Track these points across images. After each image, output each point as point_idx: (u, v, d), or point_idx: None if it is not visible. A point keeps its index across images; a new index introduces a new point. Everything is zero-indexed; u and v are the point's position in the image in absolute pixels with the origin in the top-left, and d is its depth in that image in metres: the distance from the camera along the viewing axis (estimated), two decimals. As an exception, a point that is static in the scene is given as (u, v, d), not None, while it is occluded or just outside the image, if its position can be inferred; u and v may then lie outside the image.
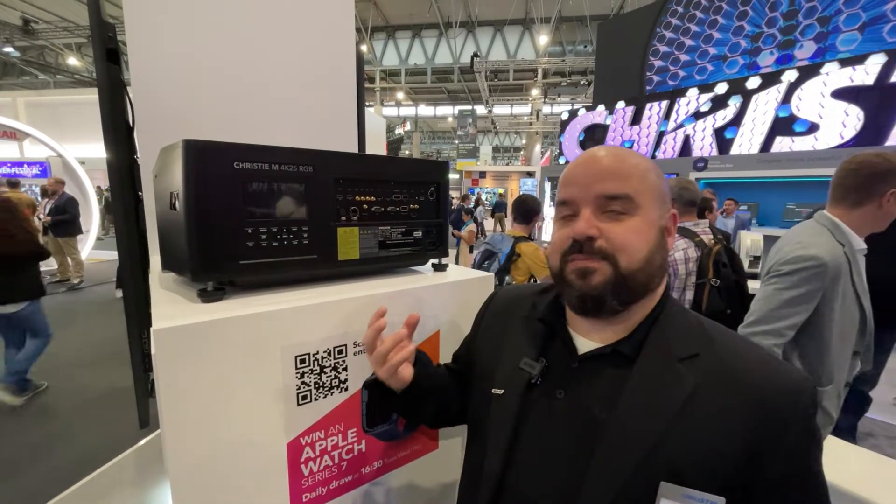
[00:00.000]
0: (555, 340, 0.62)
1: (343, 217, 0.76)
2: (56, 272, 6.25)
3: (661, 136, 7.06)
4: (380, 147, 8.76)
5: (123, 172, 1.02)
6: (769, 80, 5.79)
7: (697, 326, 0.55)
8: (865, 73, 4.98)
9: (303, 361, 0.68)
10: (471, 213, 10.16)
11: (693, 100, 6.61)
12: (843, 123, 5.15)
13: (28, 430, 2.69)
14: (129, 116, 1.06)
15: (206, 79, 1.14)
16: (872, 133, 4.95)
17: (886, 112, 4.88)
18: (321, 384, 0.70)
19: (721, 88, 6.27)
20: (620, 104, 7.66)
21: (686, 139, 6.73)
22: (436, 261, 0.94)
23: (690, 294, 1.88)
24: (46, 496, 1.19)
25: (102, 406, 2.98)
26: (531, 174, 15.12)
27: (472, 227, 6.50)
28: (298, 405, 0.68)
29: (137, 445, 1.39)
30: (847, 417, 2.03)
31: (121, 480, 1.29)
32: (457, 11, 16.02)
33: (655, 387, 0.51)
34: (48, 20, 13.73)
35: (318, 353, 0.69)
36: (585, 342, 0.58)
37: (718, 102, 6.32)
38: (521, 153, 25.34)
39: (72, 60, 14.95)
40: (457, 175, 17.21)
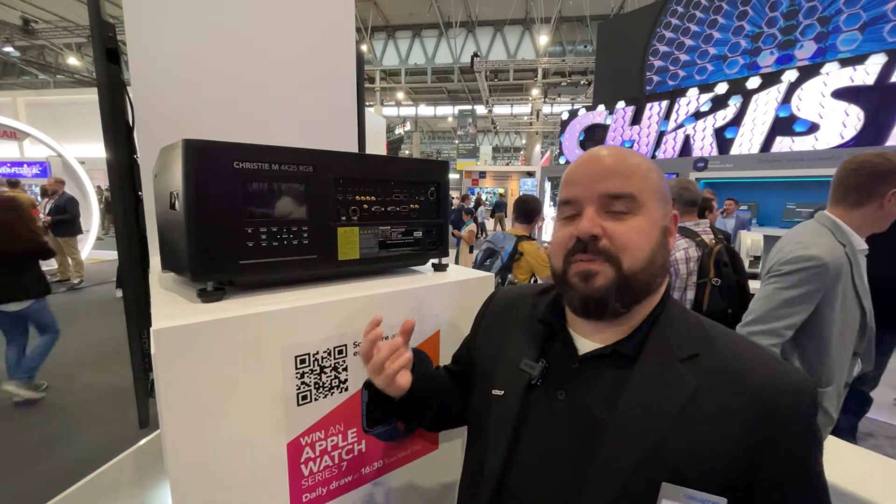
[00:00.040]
0: (555, 341, 0.61)
1: (343, 217, 0.76)
2: (56, 272, 6.25)
3: (662, 136, 7.06)
4: (380, 147, 8.76)
5: (123, 172, 1.02)
6: (769, 80, 5.79)
7: (698, 326, 0.55)
8: (866, 73, 4.98)
9: (303, 361, 0.67)
10: (471, 213, 10.16)
11: (693, 100, 6.61)
12: (844, 123, 5.15)
13: (28, 430, 2.69)
14: (129, 116, 1.06)
15: (206, 79, 1.14)
16: (873, 133, 4.95)
17: (887, 112, 4.88)
18: (321, 384, 0.70)
19: (721, 88, 6.27)
20: (620, 104, 7.66)
21: (686, 139, 6.73)
22: (436, 261, 0.94)
23: (691, 294, 1.88)
24: (46, 496, 1.19)
25: (102, 406, 2.98)
26: (531, 174, 15.12)
27: (472, 227, 6.49)
28: (298, 405, 0.68)
29: (137, 445, 1.39)
30: (847, 418, 2.02)
31: (121, 480, 1.29)
32: (457, 11, 16.02)
33: (656, 387, 0.50)
34: (48, 20, 13.74)
35: (318, 353, 0.69)
36: (586, 343, 0.58)
37: (718, 102, 6.32)
38: (521, 153, 25.34)
39: (72, 60, 14.96)
40: (457, 175, 17.21)
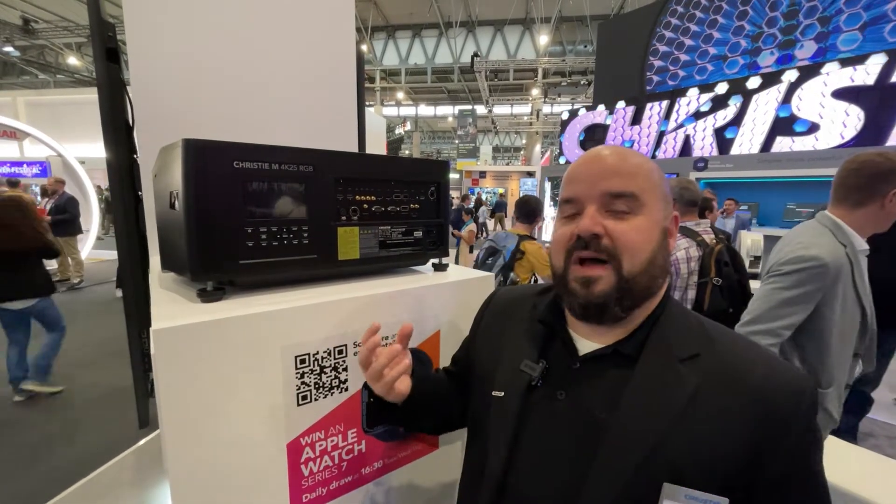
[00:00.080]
0: (555, 341, 0.61)
1: (343, 217, 0.75)
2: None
3: (662, 136, 7.07)
4: (380, 147, 8.77)
5: (123, 172, 1.02)
6: (769, 80, 5.79)
7: (698, 327, 0.55)
8: (866, 73, 4.98)
9: (303, 361, 0.67)
10: (471, 213, 10.16)
11: (693, 100, 6.61)
12: (844, 123, 5.15)
13: (28, 430, 2.69)
14: (129, 116, 1.06)
15: (206, 78, 1.13)
16: (873, 133, 4.95)
17: (887, 112, 4.88)
18: (321, 384, 0.70)
19: (721, 88, 6.27)
20: (621, 104, 7.66)
21: (686, 139, 6.73)
22: (436, 260, 0.94)
23: (692, 293, 1.88)
24: (46, 496, 1.19)
25: (102, 406, 2.98)
26: (531, 174, 15.12)
27: (472, 227, 6.50)
28: (298, 405, 0.68)
29: (137, 445, 1.39)
30: (848, 418, 2.02)
31: (121, 480, 1.29)
32: (457, 11, 16.02)
33: (657, 387, 0.50)
34: (48, 20, 13.74)
35: (318, 353, 0.69)
36: (586, 343, 0.58)
37: (719, 102, 6.32)
38: (522, 153, 25.35)
39: (72, 60, 14.96)
40: (457, 175, 17.22)
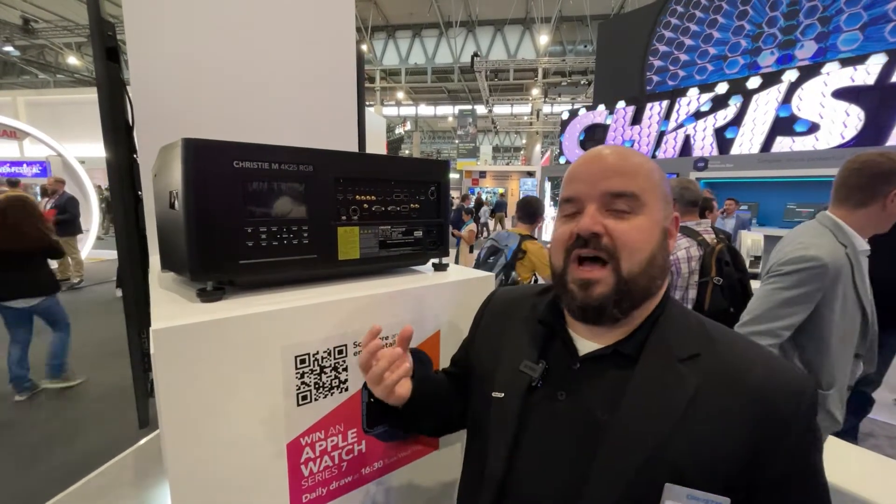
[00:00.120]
0: (555, 341, 0.61)
1: (343, 216, 0.75)
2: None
3: (662, 136, 7.07)
4: (380, 147, 8.77)
5: (123, 172, 1.02)
6: (770, 80, 5.79)
7: (698, 327, 0.55)
8: (866, 73, 4.98)
9: (303, 361, 0.67)
10: (471, 213, 10.16)
11: (693, 99, 6.61)
12: (844, 123, 5.15)
13: (28, 430, 2.69)
14: (129, 115, 1.05)
15: (206, 78, 1.13)
16: (873, 133, 4.95)
17: (887, 112, 4.88)
18: (321, 384, 0.70)
19: (721, 88, 6.27)
20: (621, 104, 7.66)
21: (686, 139, 6.73)
22: (436, 260, 0.94)
23: (693, 293, 1.88)
24: (46, 496, 1.19)
25: (102, 406, 2.97)
26: (531, 174, 15.12)
27: (473, 227, 6.50)
28: (298, 405, 0.68)
29: (137, 445, 1.39)
30: (848, 418, 2.00)
31: (121, 480, 1.29)
32: (457, 11, 16.01)
33: (657, 388, 0.50)
34: (48, 19, 13.74)
35: (318, 353, 0.69)
36: (586, 343, 0.58)
37: (719, 102, 6.32)
38: (522, 153, 25.35)
39: (72, 59, 14.95)
40: (457, 175, 17.21)
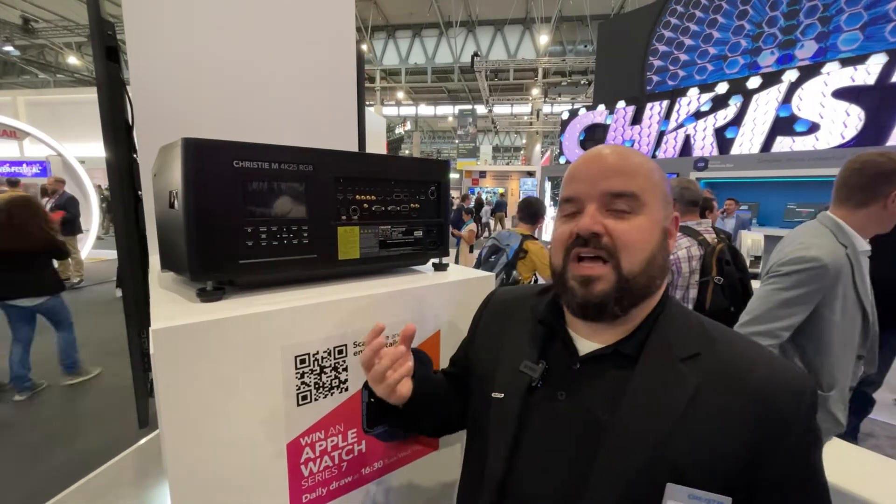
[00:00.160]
0: (555, 341, 0.61)
1: (343, 216, 0.75)
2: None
3: (662, 136, 7.06)
4: (380, 146, 8.76)
5: (123, 171, 1.01)
6: (770, 80, 5.79)
7: (698, 326, 0.55)
8: (866, 73, 4.98)
9: (303, 361, 0.67)
10: (471, 213, 10.16)
11: (694, 99, 6.61)
12: (844, 123, 5.15)
13: (28, 430, 2.69)
14: (129, 115, 1.05)
15: (206, 78, 1.13)
16: (873, 133, 4.95)
17: (887, 112, 4.87)
18: (321, 384, 0.70)
19: (721, 88, 6.27)
20: (621, 104, 7.66)
21: (686, 139, 6.73)
22: (436, 260, 0.94)
23: (694, 292, 1.88)
24: (46, 496, 1.19)
25: (102, 406, 2.97)
26: (531, 174, 15.11)
27: (473, 227, 6.51)
28: (298, 405, 0.68)
29: (137, 445, 1.39)
30: (849, 419, 2.01)
31: (121, 480, 1.29)
32: (457, 11, 16.01)
33: (657, 387, 0.50)
34: (48, 19, 13.74)
35: (318, 353, 0.69)
36: (586, 343, 0.58)
37: (719, 102, 6.32)
38: (522, 153, 25.34)
39: (72, 59, 14.95)
40: (457, 175, 17.21)
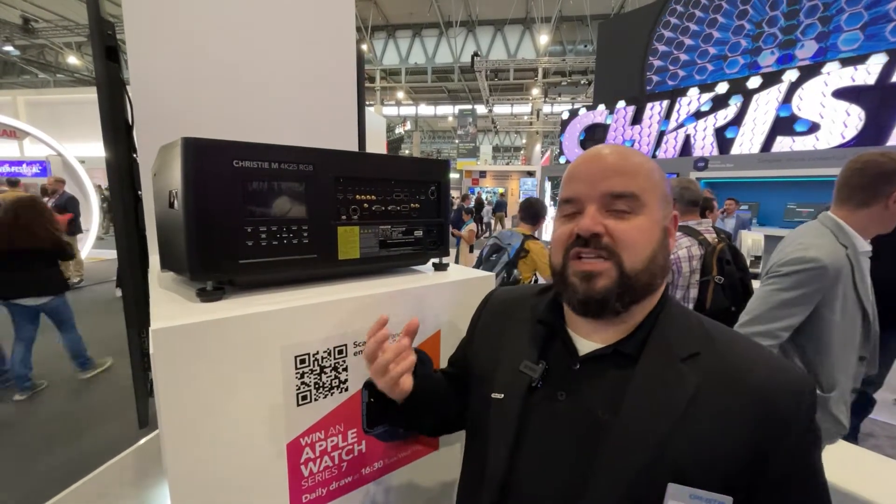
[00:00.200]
0: (554, 341, 0.61)
1: (343, 216, 0.75)
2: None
3: (662, 136, 7.06)
4: (380, 146, 8.76)
5: (123, 171, 1.01)
6: (770, 80, 5.79)
7: (698, 326, 0.55)
8: (867, 73, 4.97)
9: (303, 361, 0.67)
10: (471, 213, 10.15)
11: (694, 99, 6.61)
12: (845, 123, 5.15)
13: (28, 430, 2.69)
14: (129, 115, 1.05)
15: (206, 78, 1.13)
16: (873, 133, 4.95)
17: (887, 112, 4.87)
18: (321, 384, 0.70)
19: (722, 88, 6.27)
20: (621, 104, 7.66)
21: (687, 139, 6.73)
22: (436, 260, 0.94)
23: (695, 292, 1.88)
24: (46, 496, 1.19)
25: (102, 405, 2.97)
26: (531, 174, 15.11)
27: (473, 227, 6.51)
28: (298, 405, 0.68)
29: (137, 445, 1.39)
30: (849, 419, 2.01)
31: (120, 480, 1.29)
32: (457, 11, 16.00)
33: (658, 387, 0.50)
34: (48, 19, 13.74)
35: (318, 353, 0.69)
36: (586, 343, 0.58)
37: (719, 102, 6.32)
38: (522, 153, 25.33)
39: (72, 59, 14.95)
40: (457, 174, 17.21)
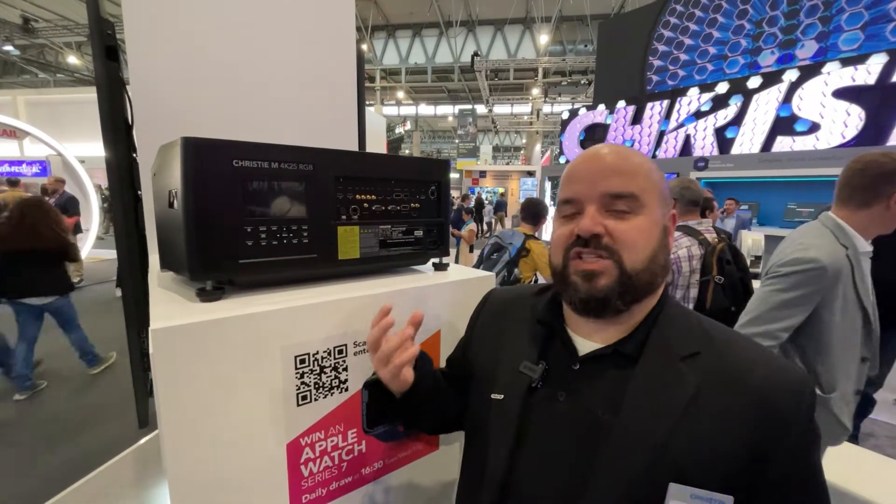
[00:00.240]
0: (554, 341, 0.61)
1: (343, 216, 0.75)
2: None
3: (662, 136, 7.06)
4: (380, 146, 8.75)
5: (122, 171, 1.01)
6: (770, 80, 5.79)
7: (697, 325, 0.55)
8: (867, 73, 4.97)
9: (303, 361, 0.67)
10: (471, 213, 10.14)
11: (694, 99, 6.61)
12: (845, 123, 5.15)
13: (28, 430, 2.69)
14: (129, 114, 1.05)
15: (206, 77, 1.13)
16: (873, 133, 4.95)
17: (888, 112, 4.87)
18: (321, 384, 0.70)
19: (722, 88, 6.27)
20: (621, 103, 7.66)
21: (687, 139, 6.73)
22: (436, 260, 0.94)
23: (695, 291, 1.88)
24: (46, 496, 1.19)
25: (102, 405, 2.97)
26: (531, 174, 15.12)
27: (473, 227, 6.51)
28: (298, 405, 0.67)
29: (137, 445, 1.39)
30: (850, 420, 2.01)
31: (120, 480, 1.29)
32: (457, 10, 15.99)
33: (658, 387, 0.50)
34: (48, 19, 13.73)
35: (318, 353, 0.69)
36: (586, 343, 0.58)
37: (719, 102, 6.32)
38: (522, 152, 25.34)
39: (72, 59, 14.94)
40: (457, 174, 17.21)
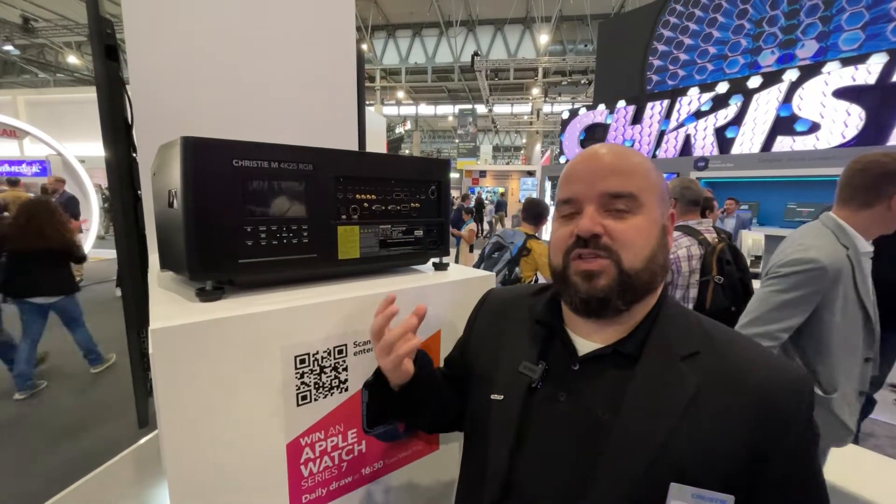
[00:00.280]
0: (553, 342, 0.61)
1: (343, 216, 0.75)
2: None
3: (662, 136, 7.06)
4: (380, 146, 8.75)
5: (122, 171, 1.01)
6: (770, 80, 5.79)
7: (697, 325, 0.55)
8: (867, 73, 4.97)
9: (302, 361, 0.67)
10: (471, 213, 10.14)
11: (694, 99, 6.61)
12: (845, 123, 5.15)
13: (27, 430, 2.69)
14: (128, 114, 1.05)
15: (206, 77, 1.13)
16: (874, 133, 4.95)
17: (888, 111, 4.87)
18: (321, 384, 0.70)
19: (722, 88, 6.27)
20: (621, 103, 7.66)
21: (687, 138, 6.73)
22: (436, 260, 0.94)
23: (694, 291, 1.88)
24: (46, 496, 1.19)
25: (102, 405, 2.97)
26: (531, 173, 15.12)
27: (473, 227, 6.52)
28: (298, 405, 0.67)
29: (136, 445, 1.39)
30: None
31: (120, 480, 1.29)
32: (457, 10, 15.99)
33: (658, 387, 0.50)
34: (48, 18, 13.74)
35: (318, 353, 0.68)
36: (585, 343, 0.58)
37: (719, 102, 6.32)
38: (522, 152, 25.34)
39: (72, 59, 14.94)
40: (457, 174, 17.21)
